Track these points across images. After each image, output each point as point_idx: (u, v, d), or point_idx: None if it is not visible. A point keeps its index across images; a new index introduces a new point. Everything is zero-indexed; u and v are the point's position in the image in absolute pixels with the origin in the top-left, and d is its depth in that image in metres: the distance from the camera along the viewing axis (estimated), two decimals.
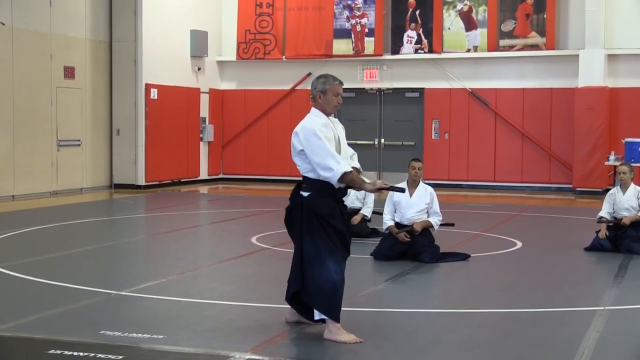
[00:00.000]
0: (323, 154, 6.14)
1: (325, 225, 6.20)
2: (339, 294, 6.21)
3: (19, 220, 13.40)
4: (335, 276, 6.17)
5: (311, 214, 6.21)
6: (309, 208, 6.23)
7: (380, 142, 21.78)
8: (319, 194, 6.24)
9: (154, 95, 20.07)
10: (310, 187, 6.28)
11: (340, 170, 6.11)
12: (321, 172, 6.15)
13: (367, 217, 11.77)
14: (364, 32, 21.40)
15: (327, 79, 6.43)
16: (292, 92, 22.22)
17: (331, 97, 6.40)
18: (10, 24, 17.02)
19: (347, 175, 6.14)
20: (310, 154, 6.18)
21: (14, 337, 6.20)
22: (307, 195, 6.27)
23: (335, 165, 6.12)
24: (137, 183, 19.90)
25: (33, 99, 17.68)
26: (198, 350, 5.85)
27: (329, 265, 6.17)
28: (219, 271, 9.27)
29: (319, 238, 6.20)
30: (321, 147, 6.15)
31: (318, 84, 6.42)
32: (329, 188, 6.24)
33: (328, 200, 6.24)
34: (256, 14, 22.31)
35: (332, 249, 6.20)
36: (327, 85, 6.39)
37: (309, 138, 6.20)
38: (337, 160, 6.15)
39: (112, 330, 6.31)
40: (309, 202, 6.25)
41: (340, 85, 6.45)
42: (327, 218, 6.20)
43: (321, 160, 6.14)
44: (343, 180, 6.16)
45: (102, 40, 19.69)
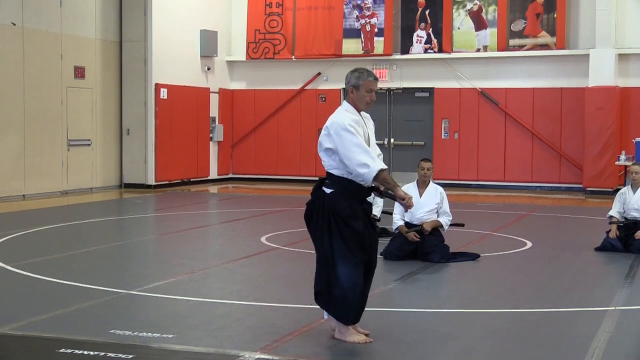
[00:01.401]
0: (357, 150, 5.86)
1: (343, 227, 5.96)
2: (349, 299, 5.98)
3: (29, 220, 13.44)
4: (344, 282, 5.96)
5: (331, 213, 5.98)
6: (330, 206, 5.99)
7: (390, 142, 21.76)
8: (342, 192, 5.99)
9: (163, 95, 20.10)
10: (333, 184, 6.03)
11: (376, 167, 5.83)
12: (356, 169, 5.85)
13: (377, 216, 11.73)
14: (373, 31, 21.38)
15: (361, 73, 6.16)
16: (301, 92, 22.22)
17: (364, 93, 6.11)
18: (21, 24, 17.07)
19: (382, 173, 5.86)
20: (343, 149, 5.90)
21: (24, 336, 6.22)
22: (330, 193, 6.02)
23: (371, 162, 5.84)
24: (147, 183, 19.93)
25: (43, 99, 17.73)
26: (208, 350, 5.85)
27: (340, 270, 5.98)
28: (228, 270, 9.27)
29: (335, 240, 5.98)
30: (354, 143, 5.87)
31: (352, 78, 6.16)
32: (353, 187, 5.99)
33: (351, 200, 6.00)
34: (266, 13, 22.32)
35: (346, 253, 5.96)
36: (361, 81, 6.11)
37: (340, 133, 5.93)
38: (372, 156, 5.88)
39: (122, 329, 6.32)
40: (330, 199, 6.00)
41: (374, 82, 6.15)
42: (347, 219, 5.95)
43: (355, 156, 5.85)
44: (377, 178, 5.88)
45: (112, 40, 19.74)
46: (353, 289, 5.98)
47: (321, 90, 22.11)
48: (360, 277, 6.02)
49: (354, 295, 5.99)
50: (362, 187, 6.03)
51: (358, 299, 6.03)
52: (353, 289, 5.98)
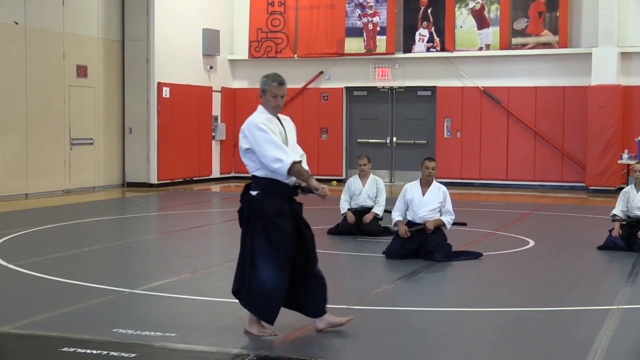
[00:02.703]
0: (270, 146, 5.96)
1: (270, 227, 6.01)
2: (272, 299, 6.03)
3: (32, 219, 13.45)
4: (267, 282, 6.01)
5: (257, 214, 6.04)
6: (256, 207, 6.05)
7: (392, 141, 21.75)
8: (268, 192, 6.06)
9: (166, 93, 20.10)
10: (258, 186, 6.10)
11: (289, 160, 5.91)
12: (271, 164, 5.95)
13: (379, 215, 11.76)
14: (375, 30, 21.37)
15: (267, 78, 6.27)
16: (303, 91, 22.21)
17: (269, 97, 6.20)
18: (23, 23, 17.08)
19: (295, 165, 5.94)
20: (257, 147, 5.99)
21: (27, 335, 6.23)
22: (255, 194, 6.09)
23: (284, 156, 5.93)
24: (150, 181, 19.94)
25: (46, 98, 17.73)
26: (211, 349, 5.85)
27: (262, 271, 6.01)
28: (231, 269, 9.18)
29: (259, 241, 6.02)
30: (267, 139, 5.98)
31: (261, 82, 6.29)
32: (277, 186, 6.06)
33: (277, 199, 6.06)
34: (268, 12, 22.32)
35: (270, 254, 6.00)
36: (266, 86, 6.23)
37: (254, 132, 6.03)
38: (285, 151, 5.97)
39: (125, 328, 6.33)
40: (255, 201, 6.07)
41: (279, 87, 6.21)
42: (273, 218, 6.01)
43: (268, 152, 5.95)
44: (292, 172, 5.95)
45: (115, 39, 19.74)
46: (276, 289, 6.03)
47: (323, 89, 22.10)
48: (283, 278, 6.05)
49: (276, 295, 6.04)
50: (287, 185, 6.09)
51: (280, 299, 6.08)
52: (276, 289, 6.03)
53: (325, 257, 10.14)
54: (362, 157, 12.16)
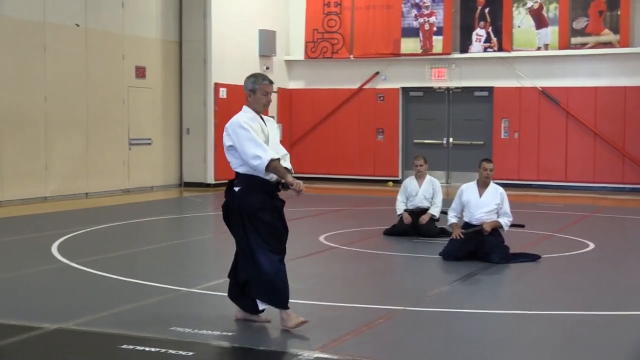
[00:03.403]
0: (250, 144, 6.27)
1: (254, 220, 6.31)
2: (279, 284, 6.31)
3: (92, 218, 13.67)
4: (268, 269, 6.29)
5: (241, 209, 6.34)
6: (239, 203, 6.35)
7: (448, 142, 21.61)
8: (249, 188, 6.36)
9: (222, 94, 20.26)
10: (241, 182, 6.42)
11: (267, 157, 6.22)
12: (250, 161, 6.26)
13: (435, 216, 11.70)
14: (432, 30, 21.26)
15: (256, 78, 6.55)
16: (359, 91, 22.19)
17: (260, 95, 6.51)
18: (84, 26, 17.37)
19: (273, 162, 6.25)
20: (239, 145, 6.33)
21: (87, 332, 6.33)
22: (238, 191, 6.40)
23: (263, 153, 6.23)
24: (207, 181, 20.12)
25: (106, 99, 18.01)
26: (267, 348, 5.88)
27: (260, 258, 6.30)
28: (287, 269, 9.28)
29: (249, 233, 6.33)
30: (248, 137, 6.29)
31: (248, 83, 6.54)
32: (259, 182, 6.36)
33: (259, 194, 6.35)
34: (324, 13, 22.35)
35: (260, 242, 6.31)
36: (257, 85, 6.51)
37: (236, 130, 6.37)
38: (264, 148, 6.28)
39: (182, 326, 6.38)
40: (238, 197, 6.37)
41: (270, 85, 6.55)
42: (255, 212, 6.31)
43: (248, 149, 6.27)
44: (269, 168, 6.24)
45: (173, 40, 19.96)
46: (277, 273, 6.32)
47: (379, 90, 22.05)
48: (279, 262, 6.36)
49: (279, 278, 6.32)
50: (268, 182, 6.38)
51: (284, 281, 6.34)
52: (277, 273, 6.31)
53: (381, 258, 10.15)
54: (419, 158, 12.10)
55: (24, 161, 16.09)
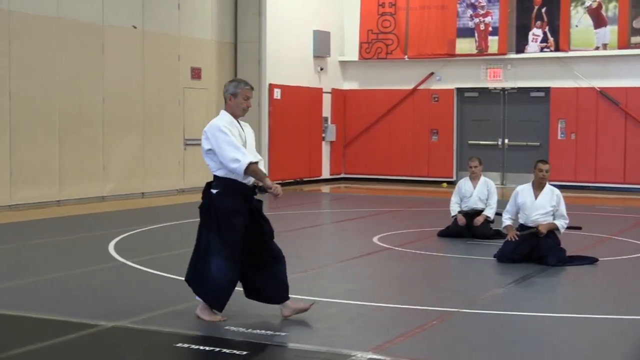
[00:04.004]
0: (229, 147, 6.42)
1: (223, 223, 6.47)
2: (220, 288, 6.52)
3: (147, 217, 13.83)
4: (216, 273, 6.48)
5: (214, 211, 6.50)
6: (214, 204, 6.51)
7: (503, 143, 21.41)
8: (226, 191, 6.51)
9: (277, 95, 20.35)
10: (218, 185, 6.56)
11: (246, 161, 6.37)
12: (229, 164, 6.40)
13: (490, 218, 11.60)
14: (487, 30, 21.08)
15: (238, 82, 6.75)
16: (414, 92, 22.10)
17: (241, 100, 6.69)
18: (141, 27, 17.60)
19: (251, 165, 6.41)
20: (218, 148, 6.45)
21: (143, 330, 6.41)
22: (215, 193, 6.55)
23: (242, 157, 6.39)
24: None
25: (161, 100, 18.22)
26: (320, 348, 5.88)
27: (215, 262, 6.48)
28: (340, 270, 9.31)
29: (213, 234, 6.50)
30: (227, 141, 6.43)
31: (230, 87, 6.72)
32: (236, 185, 6.51)
33: (235, 197, 6.52)
34: (379, 13, 22.31)
35: (219, 248, 6.47)
36: (238, 89, 6.69)
37: (215, 134, 6.49)
38: (243, 152, 6.44)
39: (236, 326, 6.42)
40: (215, 199, 6.53)
41: (250, 90, 6.76)
42: (228, 216, 6.48)
43: (228, 153, 6.40)
44: (248, 171, 6.39)
45: (228, 41, 20.12)
46: (223, 279, 6.51)
47: (434, 90, 21.94)
48: (230, 269, 6.52)
49: (222, 284, 6.53)
50: (245, 185, 6.55)
51: (227, 288, 6.56)
52: (223, 279, 6.51)
53: (435, 259, 10.10)
54: (473, 159, 12.01)
55: (82, 161, 16.36)
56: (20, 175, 15.12)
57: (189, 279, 6.73)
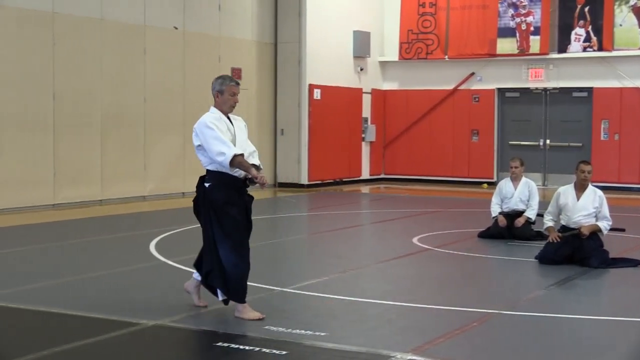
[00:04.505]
0: (215, 141, 6.60)
1: (220, 214, 6.67)
2: (235, 278, 6.66)
3: (188, 217, 13.84)
4: (226, 264, 6.65)
5: (209, 203, 6.71)
6: (208, 198, 6.72)
7: (545, 143, 21.22)
8: (218, 184, 6.72)
9: (317, 95, 20.37)
10: (211, 179, 6.77)
11: (231, 153, 6.56)
12: (215, 157, 6.59)
13: (531, 219, 11.50)
14: (529, 30, 20.90)
15: (224, 79, 6.90)
16: (454, 92, 21.99)
17: (228, 96, 6.84)
18: (182, 28, 17.73)
19: (237, 157, 6.59)
20: (205, 143, 6.65)
21: (184, 328, 6.45)
22: (208, 186, 6.76)
23: (226, 149, 6.58)
24: (300, 182, 20.26)
25: (202, 100, 18.28)
26: (360, 349, 5.88)
27: (221, 253, 6.67)
28: (380, 271, 9.30)
29: (215, 227, 6.70)
30: (212, 135, 6.62)
31: (216, 84, 6.88)
32: (227, 178, 6.72)
33: (227, 190, 6.71)
34: (419, 13, 22.23)
35: (224, 237, 6.67)
36: (224, 86, 6.84)
37: (202, 130, 6.69)
38: (228, 145, 6.61)
39: (276, 325, 6.44)
40: (207, 192, 6.74)
41: (237, 86, 6.90)
42: (222, 206, 6.67)
43: (214, 147, 6.60)
44: (234, 163, 6.58)
45: (268, 41, 20.18)
46: (234, 268, 6.66)
47: (474, 91, 21.81)
48: (239, 257, 6.68)
49: (236, 274, 6.67)
50: (236, 178, 6.75)
51: (242, 276, 6.71)
52: (234, 268, 6.66)
53: (475, 260, 10.04)
54: (514, 159, 11.92)
55: (124, 161, 16.53)
56: (64, 175, 15.32)
57: (209, 270, 6.83)
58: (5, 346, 5.98)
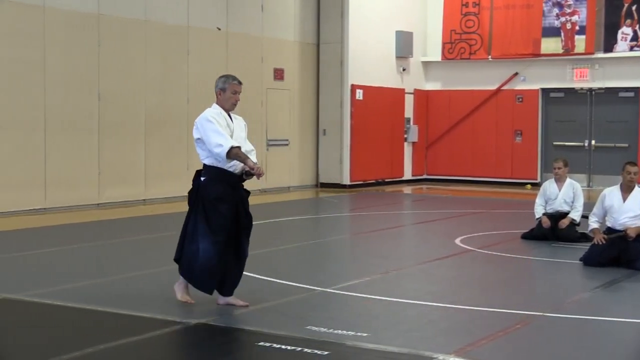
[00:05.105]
0: (213, 134, 6.82)
1: (210, 209, 6.87)
2: (206, 271, 6.86)
3: None
4: (202, 256, 6.84)
5: (201, 197, 6.92)
6: (202, 191, 6.94)
7: (590, 144, 20.96)
8: (213, 179, 6.93)
9: (359, 95, 20.35)
10: (206, 173, 6.99)
11: (228, 145, 6.76)
12: (213, 149, 6.79)
13: (576, 221, 11.37)
14: (574, 29, 20.66)
15: (227, 78, 7.13)
16: (497, 93, 21.83)
17: (230, 94, 7.07)
18: (225, 29, 17.83)
19: (233, 149, 6.78)
20: (204, 136, 6.86)
21: (227, 328, 6.48)
22: (203, 180, 6.99)
23: (224, 141, 6.78)
24: (342, 182, 20.25)
25: (244, 100, 18.19)
26: (401, 350, 5.86)
27: (200, 246, 6.86)
28: (422, 272, 9.26)
29: (200, 220, 6.88)
30: (211, 129, 6.83)
31: (219, 82, 7.10)
32: (223, 173, 6.92)
33: (221, 185, 6.92)
34: (462, 13, 22.10)
35: (207, 232, 6.85)
36: (227, 84, 7.07)
37: (202, 123, 6.91)
38: (226, 137, 6.82)
39: (318, 326, 6.44)
40: (202, 186, 6.97)
41: (239, 85, 7.12)
42: (214, 202, 6.87)
43: (212, 139, 6.80)
44: (231, 154, 6.77)
45: (310, 42, 20.21)
46: (209, 262, 6.86)
47: (518, 91, 21.62)
48: (217, 253, 6.86)
49: (209, 267, 6.87)
50: (232, 173, 6.95)
51: (214, 272, 6.90)
52: (208, 262, 6.85)
53: (518, 262, 9.95)
54: (558, 160, 11.80)
55: (167, 161, 16.66)
56: (108, 175, 15.49)
57: (177, 259, 7.12)
58: (52, 343, 6.06)
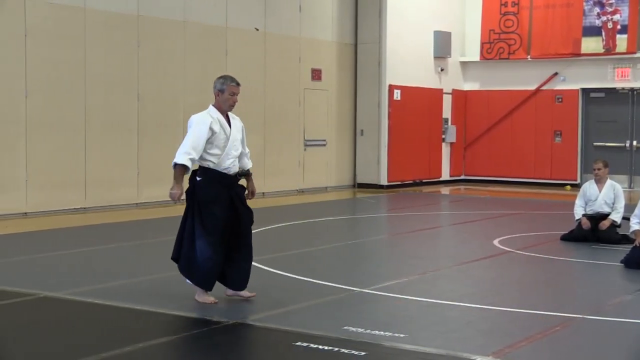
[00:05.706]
0: (188, 141, 6.95)
1: (204, 210, 7.00)
2: (205, 269, 7.02)
3: (268, 217, 14.01)
4: (199, 255, 7.00)
5: (196, 198, 7.04)
6: (196, 192, 7.06)
7: (632, 145, 20.70)
8: (207, 179, 7.05)
9: (397, 96, 20.30)
10: (201, 174, 7.11)
11: (182, 160, 6.91)
12: (179, 152, 6.95)
13: (617, 222, 11.24)
14: (615, 29, 20.41)
15: (225, 79, 7.14)
16: (537, 93, 21.64)
17: (228, 96, 7.10)
18: (263, 30, 17.89)
19: (176, 166, 6.96)
20: (186, 135, 7.01)
21: (264, 328, 6.50)
22: (199, 181, 7.10)
23: (184, 155, 6.91)
24: (380, 183, 20.22)
25: (282, 101, 18.46)
26: (439, 351, 5.83)
27: (198, 245, 7.01)
28: (460, 272, 9.20)
29: (196, 220, 7.02)
30: (195, 135, 6.94)
31: (217, 83, 7.13)
32: (217, 174, 7.04)
33: (214, 186, 7.05)
34: (501, 13, 21.95)
35: (203, 232, 6.99)
36: (225, 86, 7.10)
37: (192, 124, 7.02)
38: (186, 151, 6.90)
39: (355, 326, 6.43)
40: (198, 186, 7.07)
41: (237, 86, 7.14)
42: (207, 204, 7.01)
43: (186, 143, 6.95)
44: (175, 168, 6.97)
45: (348, 42, 20.20)
46: (206, 260, 7.01)
47: (558, 91, 21.42)
48: (213, 252, 7.02)
49: (207, 265, 7.03)
50: (226, 175, 7.08)
51: (212, 269, 7.06)
52: (206, 261, 7.01)
53: (558, 263, 9.86)
54: (598, 161, 11.67)
55: None
56: (147, 175, 15.61)
57: (175, 258, 7.27)
58: (91, 341, 6.12)
